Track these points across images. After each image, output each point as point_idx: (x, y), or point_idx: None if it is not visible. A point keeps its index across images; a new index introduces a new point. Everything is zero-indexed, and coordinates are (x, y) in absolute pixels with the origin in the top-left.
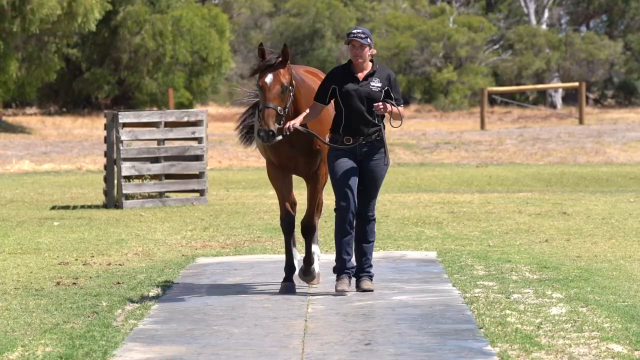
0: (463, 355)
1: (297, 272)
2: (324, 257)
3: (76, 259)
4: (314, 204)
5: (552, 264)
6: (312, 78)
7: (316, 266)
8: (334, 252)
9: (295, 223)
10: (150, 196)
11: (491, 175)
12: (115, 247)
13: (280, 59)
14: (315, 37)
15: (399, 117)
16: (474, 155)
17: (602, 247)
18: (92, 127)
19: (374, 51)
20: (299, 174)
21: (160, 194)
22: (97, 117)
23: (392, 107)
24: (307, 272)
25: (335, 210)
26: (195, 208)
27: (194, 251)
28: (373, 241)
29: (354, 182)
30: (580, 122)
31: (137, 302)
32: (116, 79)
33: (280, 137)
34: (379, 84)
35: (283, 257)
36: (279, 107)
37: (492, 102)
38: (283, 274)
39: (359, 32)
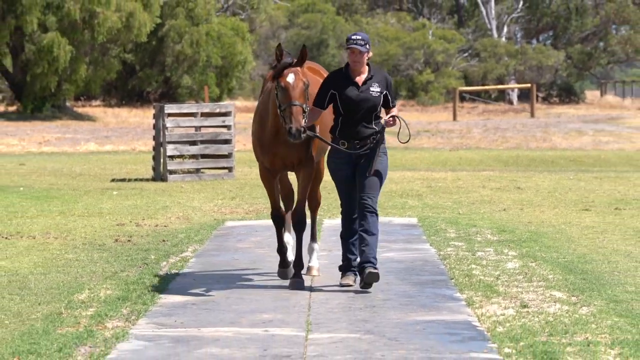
0: (437, 300)
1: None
2: (328, 222)
3: (130, 221)
4: (305, 191)
5: (508, 228)
6: (316, 78)
7: (315, 262)
8: (338, 218)
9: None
10: (189, 172)
11: (461, 157)
12: (161, 212)
13: (295, 59)
14: (321, 46)
15: (407, 129)
16: (447, 141)
17: (548, 215)
18: (143, 116)
19: (370, 54)
20: (291, 168)
21: (197, 170)
22: (148, 109)
23: (401, 121)
24: (296, 274)
25: (341, 213)
26: (224, 182)
27: (223, 216)
28: (375, 235)
29: (352, 187)
30: (532, 115)
31: (178, 256)
32: (162, 77)
33: (305, 135)
34: (378, 89)
35: None
36: (304, 105)
37: (462, 99)
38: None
39: (358, 39)
